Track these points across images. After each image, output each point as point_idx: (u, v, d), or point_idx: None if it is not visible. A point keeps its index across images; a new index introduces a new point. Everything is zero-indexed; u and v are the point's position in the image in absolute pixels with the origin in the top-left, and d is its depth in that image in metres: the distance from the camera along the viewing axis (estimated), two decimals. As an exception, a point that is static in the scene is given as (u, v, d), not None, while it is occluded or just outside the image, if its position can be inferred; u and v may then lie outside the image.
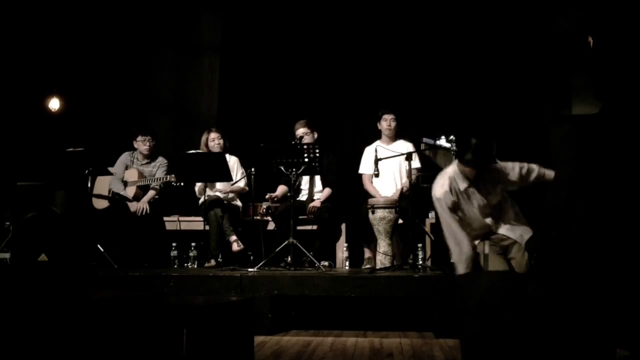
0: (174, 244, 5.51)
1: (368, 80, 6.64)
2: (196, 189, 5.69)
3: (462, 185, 3.88)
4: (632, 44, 1.58)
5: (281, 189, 5.53)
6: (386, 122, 5.52)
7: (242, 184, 5.64)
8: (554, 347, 1.56)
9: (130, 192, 5.57)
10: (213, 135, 5.65)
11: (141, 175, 5.67)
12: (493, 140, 3.79)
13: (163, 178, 5.57)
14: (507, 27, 6.39)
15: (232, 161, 5.68)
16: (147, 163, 5.76)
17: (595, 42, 1.61)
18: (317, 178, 5.57)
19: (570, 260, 1.56)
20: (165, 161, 5.78)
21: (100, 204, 5.58)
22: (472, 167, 3.77)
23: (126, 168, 5.72)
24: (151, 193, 5.59)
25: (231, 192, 5.61)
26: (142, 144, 5.70)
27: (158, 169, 5.75)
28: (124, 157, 5.75)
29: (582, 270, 1.54)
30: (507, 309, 1.66)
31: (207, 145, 5.67)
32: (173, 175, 5.45)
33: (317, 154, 4.98)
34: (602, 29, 1.61)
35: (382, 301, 4.43)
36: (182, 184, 5.45)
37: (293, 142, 5.20)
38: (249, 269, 4.80)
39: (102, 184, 5.65)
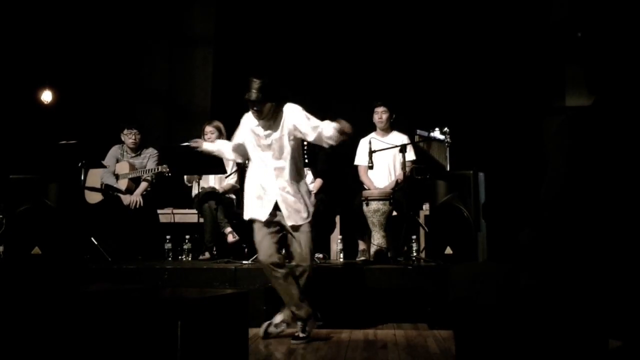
0: (168, 237, 5.50)
1: (363, 72, 6.62)
2: (185, 177, 5.67)
3: (253, 123, 3.92)
4: (621, 37, 1.58)
5: None
6: (377, 115, 5.51)
7: (232, 180, 5.62)
8: (546, 338, 1.57)
9: (122, 185, 5.55)
10: (207, 129, 5.63)
11: (132, 167, 5.65)
12: (272, 80, 3.84)
13: (154, 169, 5.54)
14: (500, 19, 6.39)
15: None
16: (136, 155, 5.74)
17: (584, 37, 1.61)
18: (308, 170, 5.56)
19: (563, 252, 1.57)
20: (155, 151, 5.76)
21: (93, 198, 5.56)
22: (249, 105, 3.83)
23: (117, 161, 5.70)
24: (143, 185, 5.57)
25: (223, 190, 5.57)
26: (128, 137, 5.68)
27: (148, 159, 5.72)
28: (114, 150, 5.73)
29: (575, 261, 1.55)
30: (500, 300, 1.67)
31: (203, 137, 5.66)
32: (165, 166, 5.43)
33: (306, 146, 4.97)
34: (591, 23, 1.61)
35: (376, 293, 4.44)
36: (170, 174, 5.41)
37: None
38: (244, 262, 4.80)
39: (94, 178, 5.62)
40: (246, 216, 3.97)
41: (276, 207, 3.85)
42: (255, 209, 3.90)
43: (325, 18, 6.73)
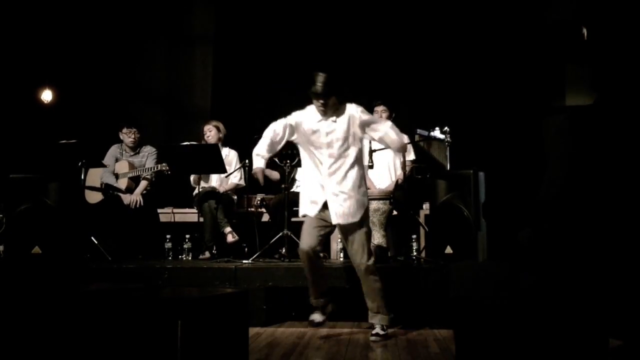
0: (168, 236, 5.50)
1: (363, 72, 6.62)
2: (191, 178, 5.68)
3: (313, 119, 3.89)
4: (627, 35, 1.57)
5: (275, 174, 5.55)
6: (377, 114, 5.50)
7: (235, 179, 5.62)
8: (546, 338, 1.57)
9: (122, 184, 5.54)
10: (206, 127, 5.64)
11: (131, 166, 5.64)
12: (336, 76, 3.84)
13: (154, 167, 5.53)
14: (500, 18, 6.39)
15: (231, 155, 5.66)
16: (135, 154, 5.73)
17: (590, 34, 1.61)
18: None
19: (563, 251, 1.56)
20: (154, 149, 5.76)
21: (94, 198, 5.56)
22: (315, 98, 3.81)
23: (116, 160, 5.69)
24: (143, 184, 5.56)
25: (225, 190, 5.57)
26: (127, 136, 5.67)
27: (147, 158, 5.71)
28: (113, 150, 5.72)
29: (575, 261, 1.55)
30: (501, 299, 1.67)
31: (203, 136, 5.67)
32: (164, 164, 5.42)
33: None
34: (597, 20, 1.60)
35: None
36: (169, 172, 5.40)
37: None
38: (244, 261, 4.80)
39: (94, 178, 5.61)
40: (300, 212, 4.03)
41: (325, 206, 3.86)
42: (307, 205, 3.93)
43: (325, 17, 6.73)
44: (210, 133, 5.61)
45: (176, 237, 5.53)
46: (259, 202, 5.64)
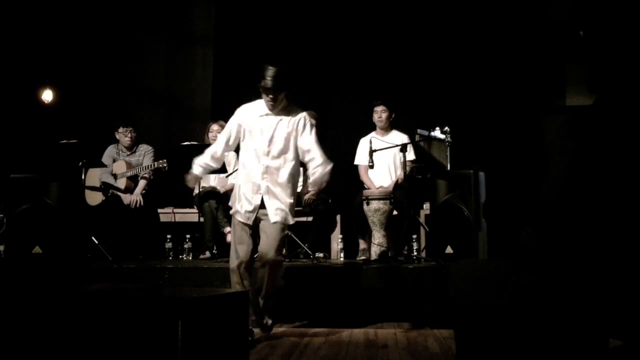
0: (168, 236, 5.50)
1: (363, 72, 6.62)
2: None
3: (259, 112, 3.85)
4: (624, 36, 1.57)
5: None
6: (377, 114, 5.51)
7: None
8: (546, 337, 1.57)
9: (121, 184, 5.54)
10: (214, 126, 5.62)
11: (129, 165, 5.63)
12: (287, 69, 3.83)
13: (152, 165, 5.52)
14: (501, 17, 6.38)
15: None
16: (132, 153, 5.72)
17: (586, 34, 1.61)
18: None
19: (564, 251, 1.56)
20: (150, 147, 5.75)
21: (94, 200, 5.56)
22: (264, 92, 3.79)
23: (114, 161, 5.69)
24: (142, 183, 5.56)
25: (226, 189, 5.57)
26: (123, 135, 5.66)
27: (144, 156, 5.70)
28: (110, 150, 5.71)
29: (576, 260, 1.54)
30: (501, 299, 1.66)
31: (207, 133, 5.65)
32: (161, 161, 5.39)
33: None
34: (593, 21, 1.60)
35: (376, 292, 4.44)
36: (166, 168, 5.37)
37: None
38: (244, 261, 4.79)
39: (93, 179, 5.61)
40: (232, 211, 3.93)
41: (261, 206, 3.78)
42: (238, 205, 3.84)
43: (326, 17, 6.72)
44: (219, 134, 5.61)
45: (176, 237, 5.54)
46: (259, 202, 5.63)
